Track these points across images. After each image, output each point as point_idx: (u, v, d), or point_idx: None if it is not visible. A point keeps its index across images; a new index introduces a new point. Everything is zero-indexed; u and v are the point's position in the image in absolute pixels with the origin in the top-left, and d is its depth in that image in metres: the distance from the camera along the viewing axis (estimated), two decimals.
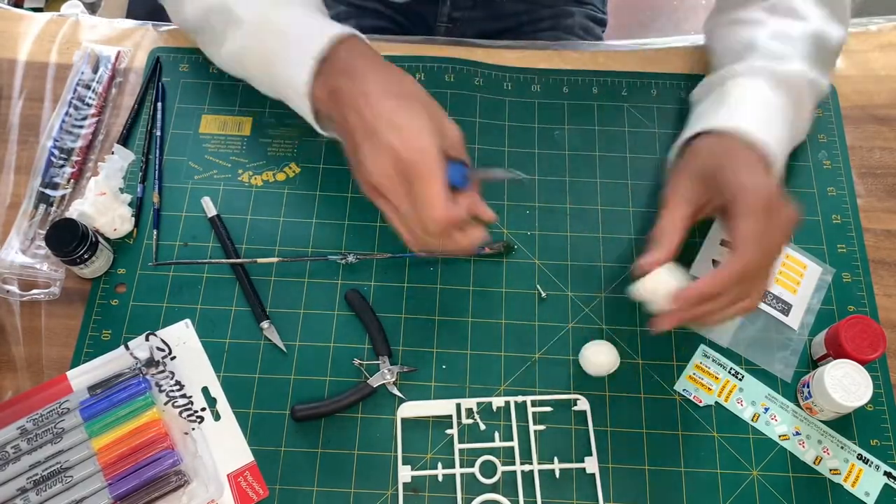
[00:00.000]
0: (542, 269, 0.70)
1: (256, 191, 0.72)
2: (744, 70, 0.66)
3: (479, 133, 0.76)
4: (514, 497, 0.61)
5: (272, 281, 0.69)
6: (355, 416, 0.64)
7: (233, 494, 0.60)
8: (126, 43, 0.80)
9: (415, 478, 0.62)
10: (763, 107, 0.63)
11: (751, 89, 0.65)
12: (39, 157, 0.73)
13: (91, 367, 0.63)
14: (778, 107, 0.64)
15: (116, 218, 0.68)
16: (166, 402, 0.62)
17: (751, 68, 0.65)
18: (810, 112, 0.69)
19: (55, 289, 0.67)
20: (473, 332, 0.67)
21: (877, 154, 0.77)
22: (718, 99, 0.66)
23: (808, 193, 0.74)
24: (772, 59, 0.65)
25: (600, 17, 1.03)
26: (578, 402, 0.64)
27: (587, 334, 0.67)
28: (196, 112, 0.76)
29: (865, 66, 0.81)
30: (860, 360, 0.62)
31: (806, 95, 0.67)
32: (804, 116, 0.68)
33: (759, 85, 0.65)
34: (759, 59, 0.66)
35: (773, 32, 0.67)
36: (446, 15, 0.95)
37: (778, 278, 0.69)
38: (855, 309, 0.69)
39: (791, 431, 0.64)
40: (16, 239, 0.69)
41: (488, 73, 0.79)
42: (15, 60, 0.78)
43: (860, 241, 0.72)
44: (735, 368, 0.66)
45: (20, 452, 0.59)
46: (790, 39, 0.67)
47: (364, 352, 0.66)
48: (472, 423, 0.64)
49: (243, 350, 0.66)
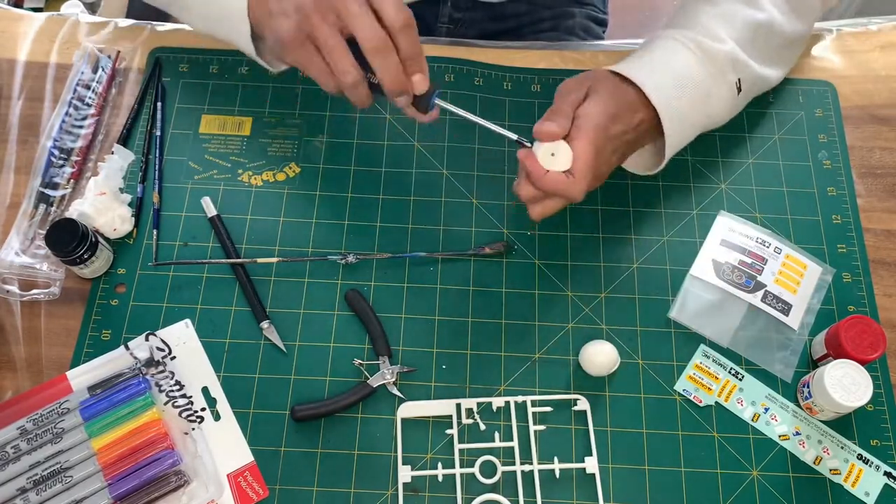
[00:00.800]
0: (542, 269, 0.70)
1: (256, 191, 0.72)
2: (676, 35, 0.68)
3: (479, 133, 0.76)
4: (514, 497, 0.61)
5: (272, 281, 0.69)
6: (355, 416, 0.64)
7: (233, 494, 0.60)
8: (126, 43, 0.80)
9: (415, 478, 0.62)
10: (674, 73, 0.66)
11: (673, 54, 0.67)
12: (39, 157, 0.73)
13: (91, 367, 0.63)
14: (692, 78, 0.66)
15: (116, 218, 0.68)
16: (166, 403, 0.62)
17: (684, 36, 0.68)
18: (733, 94, 0.69)
19: (55, 289, 0.67)
20: (473, 332, 0.67)
21: (877, 154, 0.77)
22: (641, 52, 0.68)
23: (808, 193, 0.74)
24: (706, 35, 0.68)
25: (601, 18, 1.03)
26: (578, 402, 0.64)
27: (587, 334, 0.67)
28: (196, 112, 0.76)
29: (865, 66, 0.81)
30: (860, 360, 0.62)
31: (730, 75, 0.68)
32: (724, 96, 0.69)
33: (685, 55, 0.67)
34: (695, 33, 0.68)
35: (721, 13, 0.69)
36: (447, 15, 0.95)
37: (778, 278, 0.69)
38: (855, 309, 0.69)
39: (791, 431, 0.64)
40: (16, 239, 0.69)
41: (488, 73, 0.79)
42: (15, 60, 0.78)
43: (860, 241, 0.72)
44: (735, 368, 0.66)
45: (20, 452, 0.59)
46: (732, 23, 0.69)
47: (364, 352, 0.66)
48: (472, 423, 0.64)
49: (243, 350, 0.66)
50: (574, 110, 0.62)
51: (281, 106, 0.77)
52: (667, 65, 0.66)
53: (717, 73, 0.67)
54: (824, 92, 0.79)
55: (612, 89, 0.64)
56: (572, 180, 0.60)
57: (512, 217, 0.72)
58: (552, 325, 0.68)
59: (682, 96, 0.66)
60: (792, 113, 0.78)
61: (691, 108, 0.67)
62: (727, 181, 0.74)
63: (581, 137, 0.60)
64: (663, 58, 0.67)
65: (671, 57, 0.67)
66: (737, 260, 0.70)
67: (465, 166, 0.74)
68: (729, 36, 0.68)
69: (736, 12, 0.69)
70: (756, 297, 0.68)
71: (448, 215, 0.72)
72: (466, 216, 0.72)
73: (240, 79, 0.77)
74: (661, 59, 0.67)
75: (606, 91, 0.63)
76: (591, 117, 0.61)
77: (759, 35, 0.70)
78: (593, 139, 0.60)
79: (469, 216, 0.72)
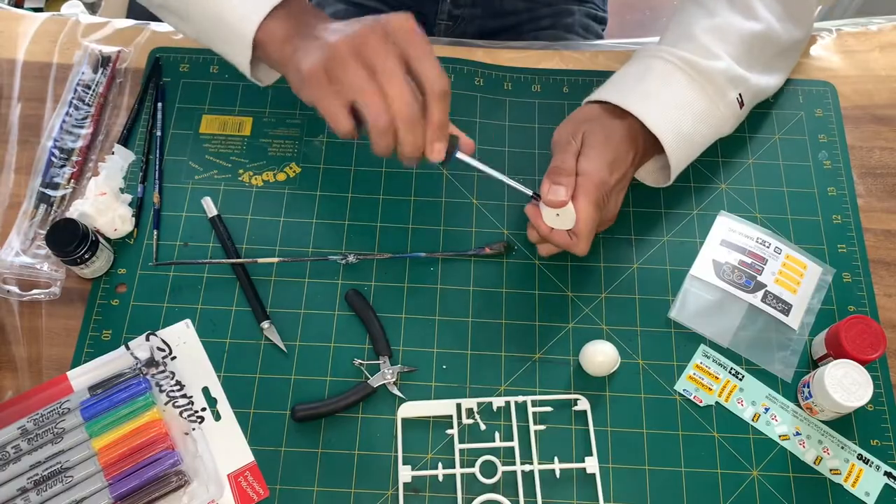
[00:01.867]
0: (542, 269, 0.70)
1: (257, 191, 0.72)
2: (668, 56, 0.67)
3: (479, 133, 0.76)
4: (515, 497, 0.61)
5: (272, 281, 0.69)
6: (355, 416, 0.64)
7: (233, 494, 0.60)
8: (126, 43, 0.80)
9: (415, 478, 0.62)
10: (673, 102, 0.65)
11: (668, 77, 0.66)
12: (39, 158, 0.73)
13: (91, 367, 0.63)
14: (690, 103, 0.66)
15: (117, 218, 0.68)
16: (167, 403, 0.62)
17: (677, 57, 0.67)
18: (734, 109, 0.69)
19: (55, 289, 0.67)
20: (473, 332, 0.67)
21: (877, 154, 0.77)
22: (639, 75, 0.67)
23: (808, 193, 0.74)
24: (700, 53, 0.67)
25: (601, 16, 1.03)
26: (578, 402, 0.64)
27: (587, 334, 0.67)
28: (196, 112, 0.76)
29: (865, 66, 0.81)
30: (860, 360, 0.62)
31: (730, 92, 0.68)
32: (722, 113, 0.68)
33: (679, 79, 0.66)
34: (689, 52, 0.67)
35: (714, 26, 0.69)
36: (446, 13, 0.95)
37: (778, 278, 0.69)
38: (855, 309, 0.69)
39: (791, 431, 0.64)
40: (16, 239, 0.69)
41: (488, 73, 0.79)
42: (15, 60, 0.78)
43: (860, 241, 0.72)
44: (735, 368, 0.66)
45: (21, 452, 0.59)
46: (727, 38, 0.68)
47: (364, 352, 0.66)
48: (473, 423, 0.64)
49: (243, 350, 0.66)
50: (576, 162, 0.62)
51: (281, 106, 0.77)
52: (663, 90, 0.66)
53: (715, 92, 0.67)
54: (824, 92, 0.79)
55: (607, 133, 0.64)
56: (575, 241, 0.62)
57: (512, 217, 0.72)
58: (552, 325, 0.68)
59: (683, 120, 0.65)
60: (792, 113, 0.78)
61: (693, 130, 0.66)
62: (727, 181, 0.74)
63: (582, 197, 0.61)
64: (659, 83, 0.66)
65: (667, 80, 0.66)
66: (737, 260, 0.70)
67: (465, 166, 0.74)
68: (724, 51, 0.67)
69: (731, 24, 0.69)
70: (756, 297, 0.68)
71: (448, 215, 0.72)
72: (467, 216, 0.72)
73: (240, 79, 0.77)
74: (657, 85, 0.66)
75: (601, 137, 0.63)
76: (590, 176, 0.61)
77: (755, 46, 0.69)
78: (595, 200, 0.61)
79: (469, 216, 0.72)
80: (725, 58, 0.67)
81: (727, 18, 0.69)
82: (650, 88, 0.66)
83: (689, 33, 0.68)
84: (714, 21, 0.69)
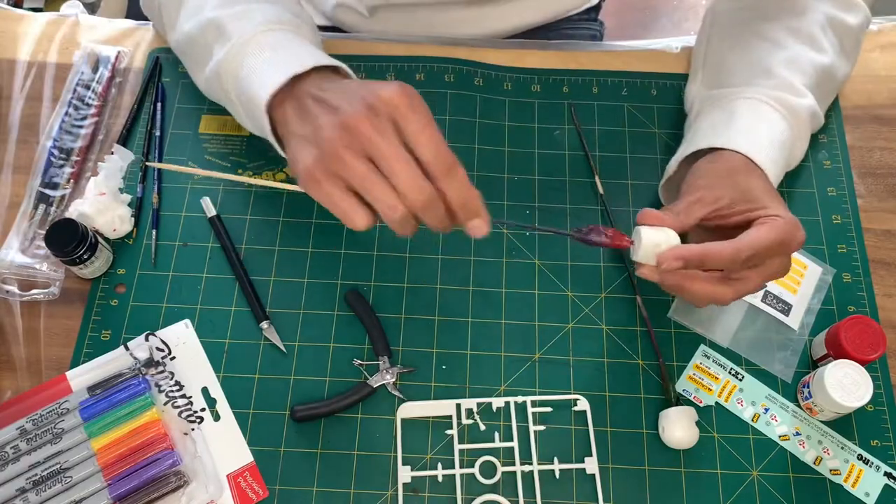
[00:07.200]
0: (542, 269, 0.70)
1: (256, 191, 0.72)
2: (757, 94, 0.66)
3: (479, 133, 0.76)
4: (514, 497, 0.61)
5: (272, 281, 0.69)
6: (355, 416, 0.64)
7: (232, 495, 0.60)
8: (126, 43, 0.80)
9: (415, 478, 0.62)
10: (769, 137, 0.64)
11: (761, 115, 0.65)
12: (39, 157, 0.73)
13: (91, 367, 0.63)
14: (783, 137, 0.65)
15: (116, 218, 0.68)
16: (166, 403, 0.62)
17: (765, 94, 0.66)
18: (807, 143, 0.70)
19: (55, 289, 0.67)
20: (473, 332, 0.67)
21: (877, 154, 0.77)
22: (727, 118, 0.65)
23: (808, 193, 0.74)
24: (785, 89, 0.66)
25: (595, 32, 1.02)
26: (578, 403, 0.64)
27: (587, 334, 0.67)
28: (196, 112, 0.76)
29: (865, 66, 0.81)
30: (860, 361, 0.62)
31: (807, 128, 0.68)
32: (801, 147, 0.69)
33: (770, 115, 0.65)
34: (773, 88, 0.66)
35: (789, 59, 0.68)
36: None
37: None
38: (855, 309, 0.69)
39: (791, 432, 0.64)
40: (15, 239, 0.69)
41: (488, 73, 0.79)
42: (15, 60, 0.78)
43: (860, 242, 0.72)
44: (735, 369, 0.66)
45: (20, 453, 0.59)
46: (804, 71, 0.68)
47: (364, 352, 0.66)
48: (472, 423, 0.64)
49: (243, 350, 0.66)
50: None
51: None
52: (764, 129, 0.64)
53: (800, 127, 0.67)
54: None
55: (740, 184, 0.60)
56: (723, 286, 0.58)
57: (512, 217, 0.72)
58: (552, 325, 0.68)
59: (780, 159, 0.64)
60: None
61: (785, 166, 0.67)
62: None
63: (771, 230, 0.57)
64: (756, 121, 0.64)
65: (763, 117, 0.65)
66: None
67: (465, 167, 0.74)
68: (806, 86, 0.67)
69: (803, 56, 0.68)
70: (756, 297, 0.68)
71: None
72: None
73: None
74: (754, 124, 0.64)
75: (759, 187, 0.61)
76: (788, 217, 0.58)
77: (823, 80, 0.69)
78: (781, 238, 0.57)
79: None
80: (809, 95, 0.67)
81: (799, 50, 0.68)
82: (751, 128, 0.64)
83: (767, 70, 0.67)
84: (787, 53, 0.68)
